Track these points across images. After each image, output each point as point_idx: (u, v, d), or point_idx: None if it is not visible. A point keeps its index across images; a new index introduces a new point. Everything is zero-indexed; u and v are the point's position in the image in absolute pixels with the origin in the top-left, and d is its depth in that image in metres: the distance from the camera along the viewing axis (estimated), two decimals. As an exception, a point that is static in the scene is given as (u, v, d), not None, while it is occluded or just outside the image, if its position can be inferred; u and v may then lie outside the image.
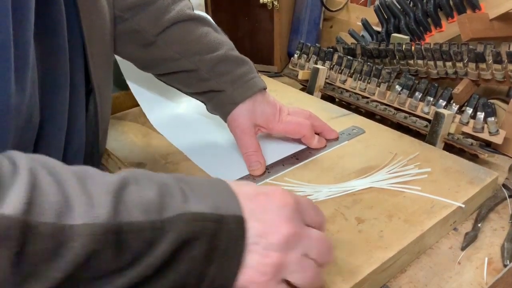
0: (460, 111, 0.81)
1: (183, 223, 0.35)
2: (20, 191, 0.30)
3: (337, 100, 0.98)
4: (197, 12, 0.71)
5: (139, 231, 0.33)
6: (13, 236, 0.29)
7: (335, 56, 0.99)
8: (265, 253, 0.38)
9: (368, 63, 0.94)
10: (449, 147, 0.77)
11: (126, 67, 0.80)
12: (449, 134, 0.77)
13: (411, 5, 1.00)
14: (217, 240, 0.36)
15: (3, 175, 0.31)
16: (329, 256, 0.42)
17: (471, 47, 0.81)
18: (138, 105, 0.86)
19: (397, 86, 0.88)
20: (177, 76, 0.70)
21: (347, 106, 0.94)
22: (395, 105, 0.88)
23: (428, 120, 0.80)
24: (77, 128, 0.53)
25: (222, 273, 0.37)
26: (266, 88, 0.71)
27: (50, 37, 0.46)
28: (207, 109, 0.73)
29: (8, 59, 0.38)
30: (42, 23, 0.44)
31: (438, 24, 0.96)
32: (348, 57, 0.97)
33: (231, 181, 0.40)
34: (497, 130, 0.76)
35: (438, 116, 0.75)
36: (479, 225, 0.61)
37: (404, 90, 0.86)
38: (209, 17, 0.74)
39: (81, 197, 0.32)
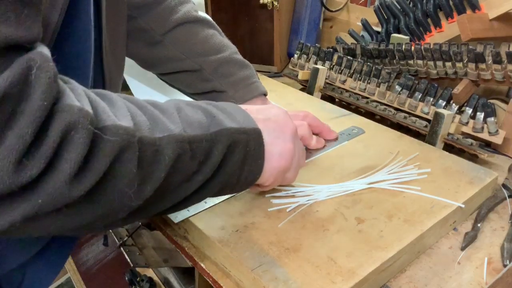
0: (460, 111, 0.81)
1: (225, 136, 0.45)
2: (125, 112, 0.38)
3: (337, 100, 0.98)
4: (200, 13, 0.72)
5: (200, 141, 0.42)
6: (134, 143, 0.37)
7: (335, 56, 0.99)
8: (283, 144, 0.51)
9: (368, 63, 0.94)
10: (449, 147, 0.77)
11: (127, 66, 0.80)
12: (449, 134, 0.77)
13: (411, 5, 1.01)
14: (248, 147, 0.47)
15: (104, 100, 0.38)
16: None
17: (470, 47, 0.81)
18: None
19: (397, 86, 0.88)
20: (180, 75, 0.71)
21: (347, 106, 0.94)
22: (395, 105, 0.88)
23: (428, 120, 0.80)
24: None
25: (252, 171, 0.49)
26: (266, 94, 0.71)
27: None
28: None
29: (88, 77, 0.47)
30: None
31: (438, 25, 0.97)
32: (348, 57, 0.97)
33: (241, 105, 0.52)
34: (497, 130, 0.76)
35: (438, 116, 0.76)
36: (479, 225, 0.61)
37: (404, 90, 0.86)
38: (213, 21, 0.74)
39: (159, 116, 0.41)
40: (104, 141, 0.35)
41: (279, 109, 0.54)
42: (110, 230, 1.15)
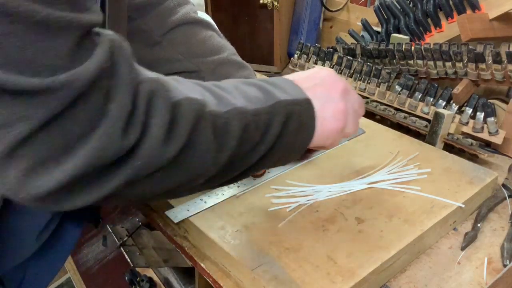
0: (460, 111, 0.81)
1: (281, 107, 0.47)
2: (193, 88, 0.42)
3: (337, 100, 0.98)
4: (201, 14, 0.72)
5: (260, 114, 0.45)
6: (207, 114, 0.40)
7: (335, 56, 0.99)
8: (334, 105, 0.51)
9: (368, 63, 0.94)
10: (449, 147, 0.77)
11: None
12: (449, 134, 0.77)
13: (411, 5, 1.01)
14: (301, 116, 0.48)
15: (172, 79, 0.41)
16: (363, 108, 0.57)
17: (470, 47, 0.81)
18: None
19: (397, 86, 0.88)
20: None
21: (347, 106, 0.94)
22: (395, 105, 0.88)
23: (428, 120, 0.80)
24: None
25: (304, 139, 0.50)
26: None
27: None
28: None
29: None
30: None
31: (438, 25, 0.97)
32: (348, 57, 0.97)
33: (289, 76, 0.53)
34: (497, 130, 0.76)
35: (437, 116, 0.76)
36: (478, 225, 0.61)
37: (404, 90, 0.86)
38: (213, 22, 0.75)
39: (221, 93, 0.44)
40: (182, 109, 0.38)
41: (325, 71, 0.55)
42: (110, 231, 1.15)
